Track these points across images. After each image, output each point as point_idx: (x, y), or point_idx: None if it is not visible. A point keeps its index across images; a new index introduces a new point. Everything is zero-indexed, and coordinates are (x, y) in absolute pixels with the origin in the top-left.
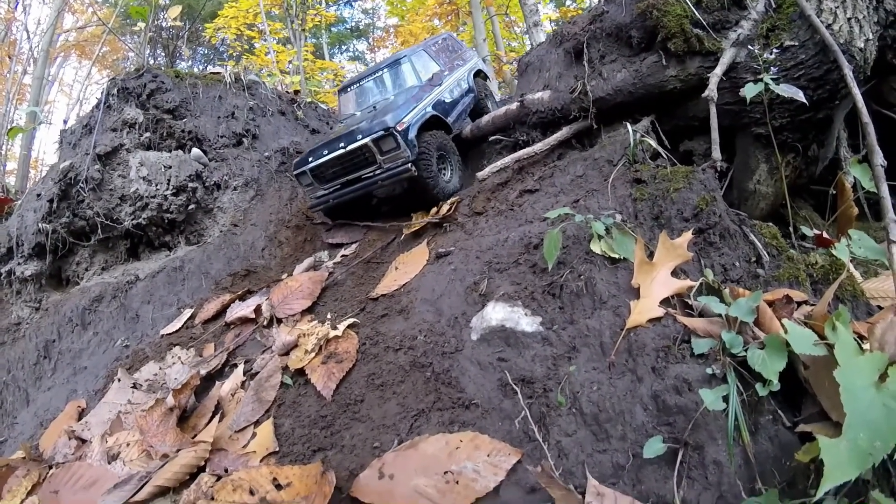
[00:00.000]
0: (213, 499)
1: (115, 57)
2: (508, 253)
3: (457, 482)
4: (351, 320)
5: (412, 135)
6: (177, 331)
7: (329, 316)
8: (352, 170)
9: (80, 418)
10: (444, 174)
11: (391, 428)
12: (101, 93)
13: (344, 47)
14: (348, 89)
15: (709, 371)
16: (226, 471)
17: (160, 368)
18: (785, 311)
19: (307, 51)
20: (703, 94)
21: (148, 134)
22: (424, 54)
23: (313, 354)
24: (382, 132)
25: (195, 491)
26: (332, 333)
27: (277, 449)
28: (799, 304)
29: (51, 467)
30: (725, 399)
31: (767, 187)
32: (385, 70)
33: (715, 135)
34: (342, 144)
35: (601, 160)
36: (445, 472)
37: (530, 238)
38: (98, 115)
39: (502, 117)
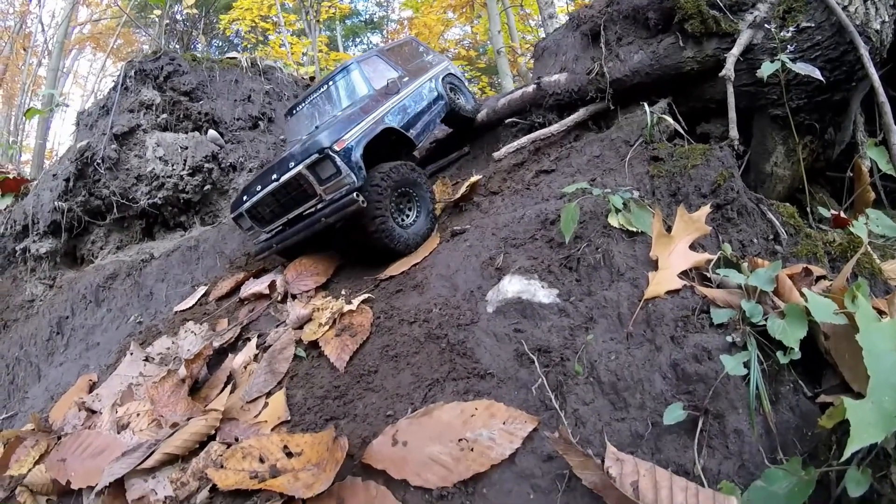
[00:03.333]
0: (222, 466)
1: (130, 49)
2: (525, 229)
3: (471, 449)
4: (365, 296)
5: (357, 155)
6: (191, 307)
7: (343, 292)
8: (291, 206)
9: (91, 391)
10: (405, 215)
11: (405, 397)
12: (118, 74)
13: (358, 40)
14: (294, 111)
15: (729, 339)
16: (236, 439)
17: (173, 342)
18: (804, 282)
19: (321, 42)
20: (720, 74)
21: (165, 115)
22: (378, 59)
23: (327, 328)
24: (317, 155)
25: (204, 459)
26: (347, 308)
27: (289, 418)
28: (817, 278)
29: (59, 438)
30: (746, 365)
31: (784, 170)
32: (332, 83)
33: (732, 114)
34: (275, 177)
35: (618, 140)
36: (460, 440)
37: (547, 214)
38: (115, 97)
39: (518, 100)
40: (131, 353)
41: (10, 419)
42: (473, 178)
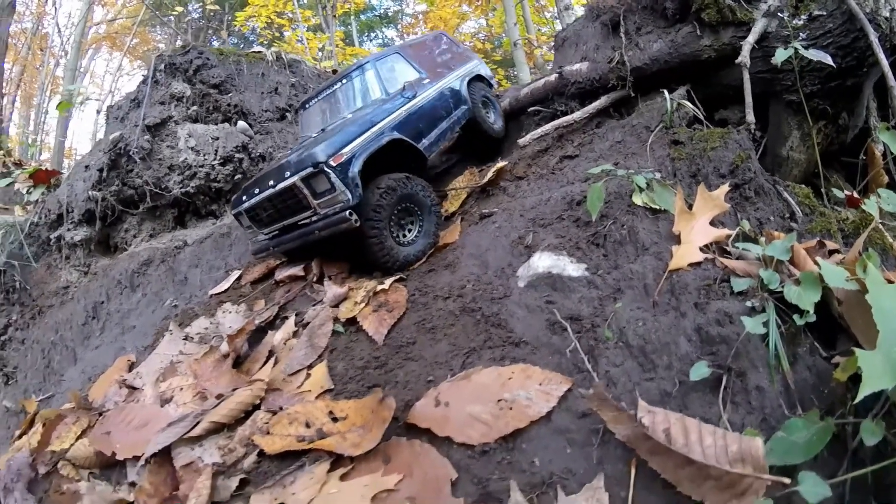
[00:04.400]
0: (268, 433)
1: (146, 48)
2: (552, 210)
3: (510, 408)
4: (398, 275)
5: (354, 170)
6: (225, 291)
7: (375, 274)
8: (287, 213)
9: (130, 371)
10: (406, 230)
11: (444, 364)
12: (149, 67)
13: (373, 34)
14: (307, 105)
15: (748, 305)
16: (280, 408)
17: (210, 323)
18: (818, 255)
19: (337, 38)
20: (737, 61)
21: (195, 107)
22: (398, 58)
23: (363, 304)
24: (311, 169)
25: (250, 426)
26: (380, 287)
27: (332, 387)
28: (831, 252)
29: (100, 414)
30: (765, 325)
31: (800, 153)
32: (346, 81)
33: (748, 99)
34: (272, 183)
35: (639, 126)
36: (499, 400)
37: (572, 196)
38: (146, 89)
39: (541, 89)
40: (170, 333)
41: (47, 400)
42: (499, 164)
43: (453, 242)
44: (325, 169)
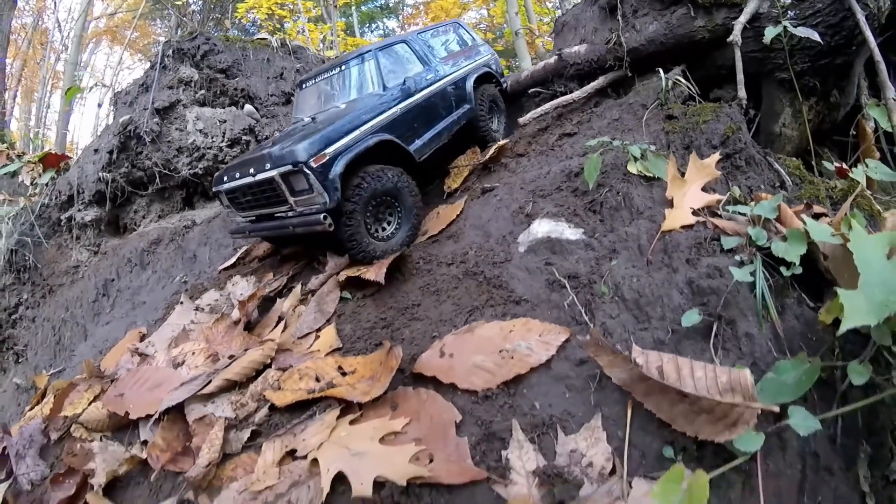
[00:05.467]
0: (279, 388)
1: (146, 41)
2: (551, 182)
3: (511, 357)
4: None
5: (336, 172)
6: (234, 265)
7: None
8: (263, 203)
9: (141, 342)
10: (384, 224)
11: (448, 322)
12: (157, 53)
13: (374, 25)
14: (304, 86)
15: (737, 258)
16: (290, 367)
17: (220, 295)
18: (805, 214)
19: (338, 29)
20: (728, 39)
21: (203, 91)
22: (403, 49)
23: (365, 269)
24: (290, 167)
25: (262, 383)
26: None
27: (340, 346)
28: (818, 215)
29: (112, 381)
30: (753, 275)
31: (792, 130)
32: (345, 68)
33: (740, 76)
34: (252, 171)
35: (636, 104)
36: (501, 351)
37: (571, 169)
38: (155, 74)
39: (541, 71)
40: (181, 304)
41: (57, 375)
42: (501, 142)
43: (456, 218)
44: (305, 169)
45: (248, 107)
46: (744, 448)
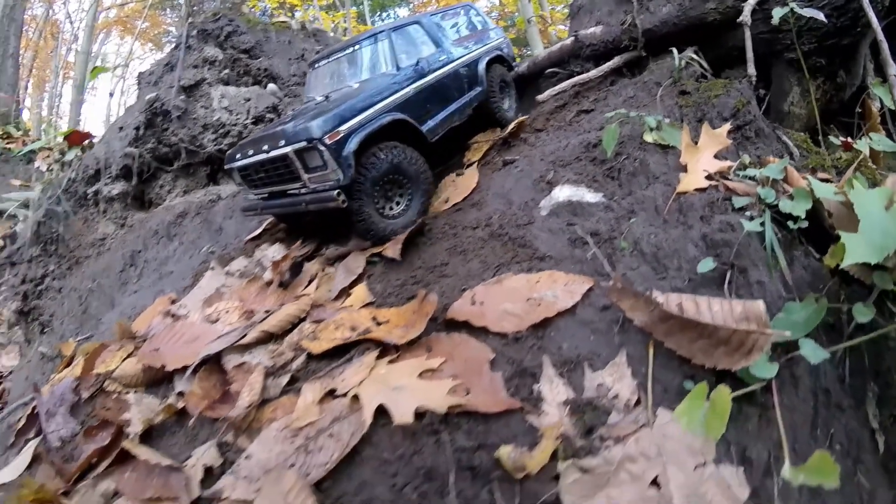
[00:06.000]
0: (316, 338)
1: (157, 31)
2: (570, 153)
3: (539, 304)
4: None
5: (349, 149)
6: (260, 235)
7: None
8: (277, 181)
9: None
10: (394, 203)
11: (476, 277)
12: (181, 33)
13: (385, 13)
14: (316, 65)
15: (748, 215)
16: (325, 320)
17: (249, 262)
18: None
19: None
20: (738, 20)
21: (227, 71)
22: (417, 29)
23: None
24: (305, 143)
25: (298, 334)
26: None
27: (373, 300)
28: (823, 180)
29: (145, 341)
30: (762, 226)
31: (800, 108)
32: (358, 47)
33: (750, 54)
34: (265, 147)
35: (650, 82)
36: (528, 299)
37: (589, 141)
38: (180, 54)
39: (557, 52)
40: (212, 270)
41: (84, 341)
42: (520, 118)
43: (476, 187)
44: (319, 146)
45: (271, 86)
46: (759, 374)
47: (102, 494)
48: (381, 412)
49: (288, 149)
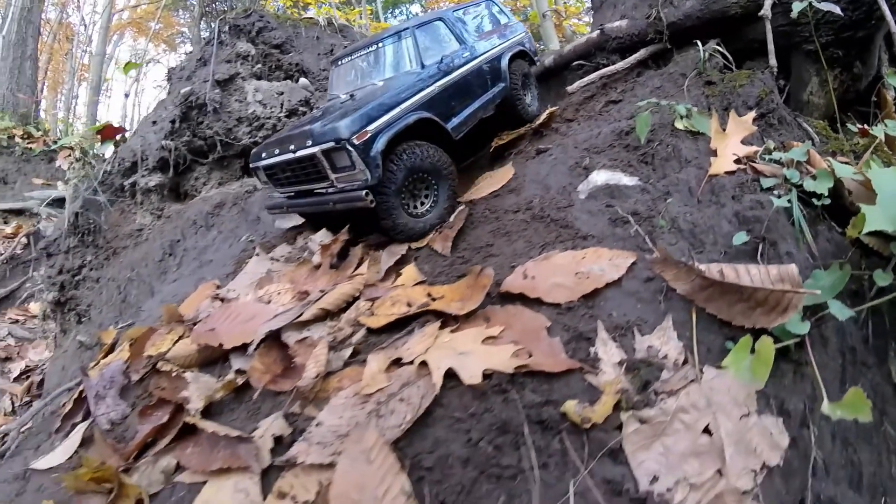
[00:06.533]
0: (373, 314)
1: (170, 32)
2: (603, 141)
3: (587, 277)
4: (461, 207)
5: (377, 149)
6: (299, 225)
7: None
8: (304, 180)
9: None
10: (420, 202)
11: (523, 256)
12: (213, 29)
13: (398, 11)
14: (339, 62)
15: (776, 193)
16: (379, 298)
17: (292, 248)
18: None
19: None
20: (760, 13)
21: (259, 65)
22: (440, 26)
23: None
24: (333, 143)
25: (355, 311)
26: None
27: (424, 279)
28: (842, 163)
29: (195, 324)
30: (790, 202)
31: (819, 98)
32: (381, 45)
33: (770, 46)
34: (292, 147)
35: (675, 74)
36: (576, 273)
37: (621, 129)
38: (212, 49)
39: (583, 45)
40: (257, 255)
41: (125, 328)
42: (551, 109)
43: (512, 176)
44: (348, 146)
45: (303, 80)
46: (794, 330)
47: (163, 470)
48: (449, 376)
49: (315, 149)
